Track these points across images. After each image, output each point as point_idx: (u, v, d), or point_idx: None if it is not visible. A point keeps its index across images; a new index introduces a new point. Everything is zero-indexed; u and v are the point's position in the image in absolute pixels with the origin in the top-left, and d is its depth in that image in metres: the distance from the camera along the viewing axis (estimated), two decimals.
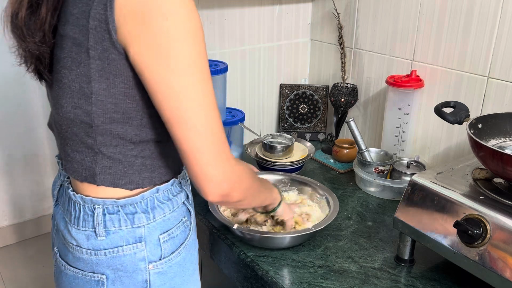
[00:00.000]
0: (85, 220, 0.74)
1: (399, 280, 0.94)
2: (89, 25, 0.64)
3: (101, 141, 0.71)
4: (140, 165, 0.74)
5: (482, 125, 0.95)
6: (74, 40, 0.66)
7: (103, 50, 0.65)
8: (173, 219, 0.78)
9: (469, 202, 0.84)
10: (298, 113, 1.67)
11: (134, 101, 0.69)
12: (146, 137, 0.72)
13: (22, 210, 2.05)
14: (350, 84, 1.52)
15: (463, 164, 0.99)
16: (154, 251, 0.76)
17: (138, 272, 0.75)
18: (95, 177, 0.73)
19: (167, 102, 0.65)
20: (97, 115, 0.69)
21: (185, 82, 0.64)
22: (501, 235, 0.78)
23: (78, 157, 0.74)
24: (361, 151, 1.33)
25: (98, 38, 0.64)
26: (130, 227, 0.74)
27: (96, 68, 0.66)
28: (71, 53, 0.67)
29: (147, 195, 0.75)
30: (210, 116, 0.67)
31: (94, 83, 0.67)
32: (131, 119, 0.70)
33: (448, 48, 1.25)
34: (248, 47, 1.56)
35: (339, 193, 1.27)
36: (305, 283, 0.93)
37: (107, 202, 0.73)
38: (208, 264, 1.30)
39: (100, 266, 0.75)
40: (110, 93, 0.67)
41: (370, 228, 1.13)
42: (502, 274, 0.77)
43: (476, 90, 1.21)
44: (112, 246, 0.74)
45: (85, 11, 0.65)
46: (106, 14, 0.62)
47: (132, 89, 0.68)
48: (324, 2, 1.60)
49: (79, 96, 0.69)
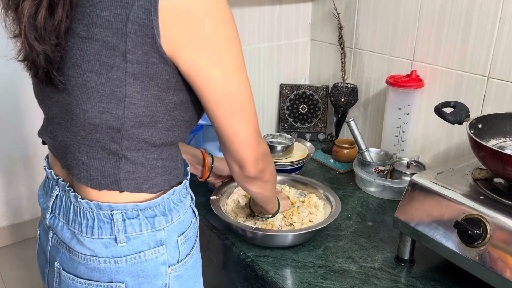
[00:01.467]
0: (100, 228, 0.72)
1: (399, 280, 0.94)
2: (127, 29, 0.63)
3: (127, 145, 0.70)
4: (161, 167, 0.75)
5: (482, 125, 0.95)
6: (104, 43, 0.65)
7: (143, 53, 0.64)
8: (186, 221, 0.79)
9: (469, 202, 0.84)
10: (298, 113, 1.67)
11: (163, 104, 0.69)
12: (167, 140, 0.74)
13: (21, 210, 2.05)
14: (350, 84, 1.52)
15: (463, 164, 0.99)
16: (173, 253, 0.76)
17: (158, 277, 0.74)
18: (119, 183, 0.72)
19: (221, 101, 0.70)
20: (128, 119, 0.68)
21: (237, 82, 0.70)
22: (501, 235, 0.78)
23: (96, 164, 0.72)
24: (361, 151, 1.33)
25: (138, 42, 0.64)
26: (151, 230, 0.73)
27: (132, 72, 0.65)
28: (100, 57, 0.65)
29: (166, 197, 0.75)
30: (253, 107, 0.74)
31: (128, 87, 0.66)
32: (158, 122, 0.71)
33: (448, 48, 1.25)
34: (248, 47, 1.56)
35: (339, 193, 1.27)
36: (305, 283, 0.93)
37: (128, 207, 0.72)
38: (208, 264, 1.30)
39: (119, 274, 0.72)
40: (143, 96, 0.67)
41: (370, 228, 1.13)
42: (502, 274, 0.77)
43: (476, 90, 1.21)
44: (133, 252, 0.72)
45: (121, 14, 0.63)
46: (150, 19, 0.62)
47: (163, 92, 0.68)
48: (324, 2, 1.60)
49: (109, 100, 0.67)
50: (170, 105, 0.70)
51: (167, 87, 0.68)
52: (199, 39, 0.64)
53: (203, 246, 1.20)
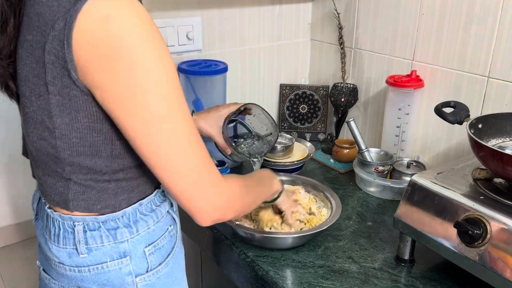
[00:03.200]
0: (65, 238, 0.71)
1: (399, 280, 0.94)
2: (45, 59, 0.59)
3: (70, 170, 0.67)
4: (115, 188, 0.70)
5: (482, 125, 0.95)
6: (31, 69, 0.62)
7: (63, 86, 0.60)
8: (158, 230, 0.76)
9: (469, 202, 0.84)
10: (298, 113, 1.67)
11: (101, 134, 0.64)
12: (118, 167, 0.68)
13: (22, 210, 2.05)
14: (350, 84, 1.52)
15: (463, 164, 0.99)
16: (140, 264, 0.74)
17: (125, 286, 0.73)
18: (68, 203, 0.69)
19: (146, 149, 0.63)
20: (62, 149, 0.65)
21: (160, 134, 0.62)
22: (501, 235, 0.78)
23: (49, 181, 0.70)
24: (361, 151, 1.33)
25: (57, 73, 0.59)
26: (113, 242, 0.71)
27: (56, 103, 0.61)
28: (29, 83, 0.63)
29: (128, 210, 0.72)
30: (191, 153, 0.65)
31: (56, 118, 0.62)
32: (100, 151, 0.66)
33: (448, 48, 1.25)
34: (248, 47, 1.56)
35: (339, 193, 1.27)
36: (305, 283, 0.93)
37: (87, 219, 0.70)
38: (208, 264, 1.30)
39: (85, 282, 0.72)
40: (74, 128, 0.63)
41: (370, 228, 1.13)
42: (503, 274, 0.77)
43: (476, 90, 1.21)
44: (95, 262, 0.71)
45: (40, 41, 0.59)
46: (63, 52, 0.57)
47: (97, 123, 0.63)
48: (324, 2, 1.60)
49: (42, 128, 0.65)
50: (110, 135, 0.65)
51: (99, 118, 0.63)
52: (114, 82, 0.58)
53: (203, 246, 1.20)
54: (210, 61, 1.37)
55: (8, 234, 2.04)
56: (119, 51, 0.56)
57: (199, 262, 1.44)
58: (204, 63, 1.35)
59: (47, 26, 0.59)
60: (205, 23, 1.43)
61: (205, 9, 1.42)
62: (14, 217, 2.06)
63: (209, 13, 1.43)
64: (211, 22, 1.44)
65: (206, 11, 1.42)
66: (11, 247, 2.02)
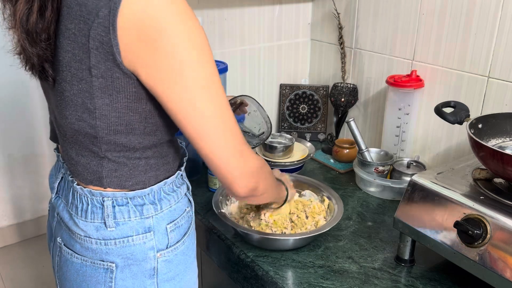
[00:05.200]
0: (93, 213, 0.76)
1: (399, 280, 0.94)
2: (89, 45, 0.64)
3: (106, 148, 0.73)
4: (145, 165, 0.76)
5: (482, 125, 0.95)
6: (73, 55, 0.66)
7: (106, 69, 0.65)
8: (178, 210, 0.81)
9: (469, 202, 0.84)
10: (298, 113, 1.67)
11: (136, 113, 0.70)
12: (148, 143, 0.74)
13: (22, 210, 2.05)
14: (350, 84, 1.52)
15: (463, 164, 0.99)
16: (162, 240, 0.78)
17: (147, 260, 0.77)
18: (102, 180, 0.75)
19: (189, 120, 0.67)
20: (101, 128, 0.70)
21: (202, 101, 0.67)
22: (501, 235, 0.78)
23: (83, 161, 0.76)
24: (361, 151, 1.33)
25: (101, 58, 0.64)
26: (139, 218, 0.76)
27: (99, 86, 0.67)
28: (71, 68, 0.67)
29: (155, 188, 0.78)
30: (228, 125, 0.70)
31: (97, 99, 0.68)
32: (134, 129, 0.71)
33: (448, 48, 1.25)
34: (248, 47, 1.56)
35: (339, 193, 1.27)
36: (305, 283, 0.93)
37: (117, 195, 0.75)
38: (208, 264, 1.30)
39: (110, 255, 0.76)
40: (114, 108, 0.68)
41: (370, 228, 1.13)
42: (503, 274, 0.77)
43: (476, 90, 1.21)
44: (122, 236, 0.76)
45: (83, 29, 0.64)
46: (108, 37, 0.62)
47: (134, 102, 0.69)
48: (324, 2, 1.60)
49: (82, 110, 0.70)
50: (144, 113, 0.70)
51: (137, 98, 0.68)
52: (160, 60, 0.63)
53: (203, 246, 1.20)
54: None
55: (8, 234, 2.04)
56: (160, 32, 0.61)
57: (199, 262, 1.44)
58: None
59: (91, 15, 0.63)
60: (205, 23, 1.43)
61: (205, 9, 1.42)
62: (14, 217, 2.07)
63: (209, 13, 1.43)
64: (211, 22, 1.44)
65: (206, 11, 1.42)
66: (11, 247, 2.03)
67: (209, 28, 1.44)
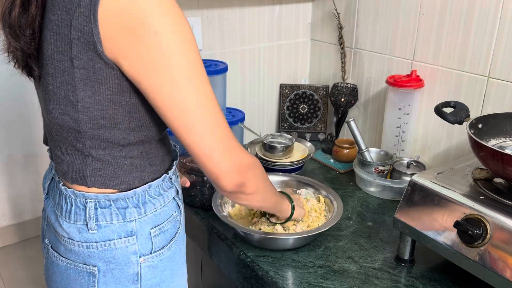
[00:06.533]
0: (76, 214, 0.75)
1: (399, 280, 0.94)
2: (71, 35, 0.63)
3: (90, 144, 0.72)
4: (130, 165, 0.75)
5: (482, 125, 0.95)
6: (56, 47, 0.66)
7: (88, 59, 0.64)
8: (164, 214, 0.80)
9: (469, 202, 0.84)
10: (298, 113, 1.67)
11: (120, 107, 0.69)
12: (134, 139, 0.73)
13: (22, 210, 2.05)
14: (350, 84, 1.52)
15: (463, 164, 0.99)
16: (145, 244, 0.77)
17: (129, 265, 0.76)
18: (86, 179, 0.74)
19: (172, 113, 0.66)
20: (84, 122, 0.69)
21: (187, 92, 0.65)
22: (501, 235, 0.78)
23: (67, 159, 0.75)
24: (361, 151, 1.33)
25: (82, 48, 0.64)
26: (122, 221, 0.75)
27: (80, 77, 0.66)
28: (53, 60, 0.67)
29: (138, 191, 0.76)
30: (214, 117, 0.69)
31: (79, 92, 0.67)
32: (119, 124, 0.70)
33: (448, 48, 1.25)
34: (248, 47, 1.56)
35: (339, 193, 1.27)
36: (305, 283, 0.93)
37: (99, 197, 0.74)
38: (208, 264, 1.30)
39: (92, 258, 0.75)
40: (96, 100, 0.67)
41: (370, 228, 1.13)
42: (503, 274, 0.77)
43: (477, 90, 1.21)
44: (103, 239, 0.74)
45: (65, 20, 0.63)
46: (90, 26, 0.62)
47: (118, 95, 0.68)
48: (324, 2, 1.60)
49: (65, 103, 0.69)
50: (128, 107, 0.69)
51: (120, 90, 0.67)
52: (143, 51, 0.62)
53: (203, 246, 1.20)
54: (210, 61, 1.37)
55: (8, 234, 2.04)
56: (143, 20, 0.61)
57: (199, 262, 1.44)
58: (204, 63, 1.35)
59: (73, 4, 0.62)
60: (205, 23, 1.43)
61: (205, 9, 1.42)
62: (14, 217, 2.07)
63: (209, 13, 1.43)
64: (211, 22, 1.44)
65: (206, 11, 1.42)
66: (11, 247, 2.02)
67: (209, 28, 1.44)
